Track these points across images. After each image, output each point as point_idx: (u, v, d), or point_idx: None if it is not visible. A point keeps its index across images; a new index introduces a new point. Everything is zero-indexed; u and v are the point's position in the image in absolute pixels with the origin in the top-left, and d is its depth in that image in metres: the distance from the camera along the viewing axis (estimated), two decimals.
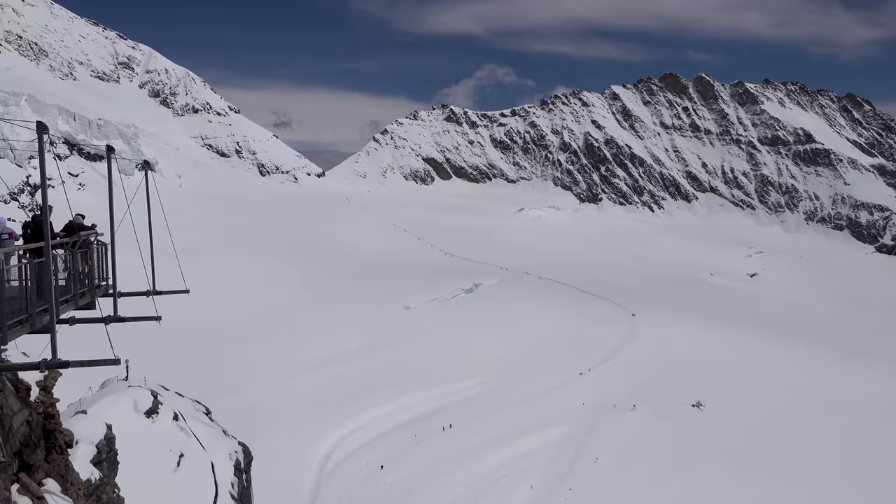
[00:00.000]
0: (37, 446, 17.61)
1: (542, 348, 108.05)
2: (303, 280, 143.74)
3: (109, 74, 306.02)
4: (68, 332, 14.50)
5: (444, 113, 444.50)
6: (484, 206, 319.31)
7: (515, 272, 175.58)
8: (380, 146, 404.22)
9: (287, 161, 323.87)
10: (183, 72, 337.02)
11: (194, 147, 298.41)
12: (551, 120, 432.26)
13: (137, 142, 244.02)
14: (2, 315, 12.02)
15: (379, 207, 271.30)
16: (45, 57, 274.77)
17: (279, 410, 74.93)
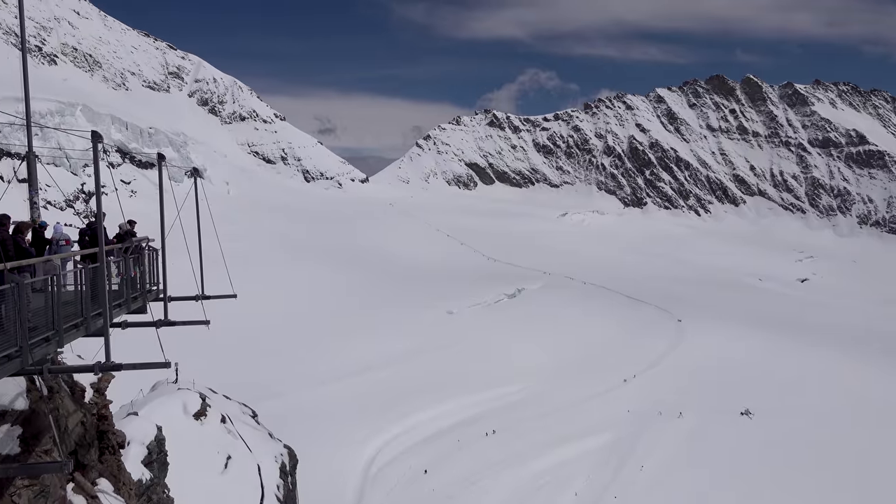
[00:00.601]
0: (91, 446, 18.09)
1: (585, 354, 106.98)
2: (347, 285, 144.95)
3: (160, 84, 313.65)
4: (120, 336, 14.85)
5: (487, 118, 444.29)
6: (527, 210, 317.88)
7: (559, 277, 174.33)
8: (423, 151, 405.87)
9: (331, 167, 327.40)
10: (230, 80, 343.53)
11: (241, 154, 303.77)
12: (595, 124, 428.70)
13: (187, 149, 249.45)
14: (58, 319, 12.37)
15: (422, 213, 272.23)
16: (98, 68, 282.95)
17: (324, 414, 75.58)
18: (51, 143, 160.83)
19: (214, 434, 35.97)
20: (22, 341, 10.98)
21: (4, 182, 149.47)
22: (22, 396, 13.74)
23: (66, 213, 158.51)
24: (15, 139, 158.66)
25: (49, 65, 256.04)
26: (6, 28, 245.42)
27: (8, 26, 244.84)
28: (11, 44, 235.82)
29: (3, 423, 13.07)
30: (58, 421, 14.95)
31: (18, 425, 13.31)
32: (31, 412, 13.84)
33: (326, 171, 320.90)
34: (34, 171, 19.10)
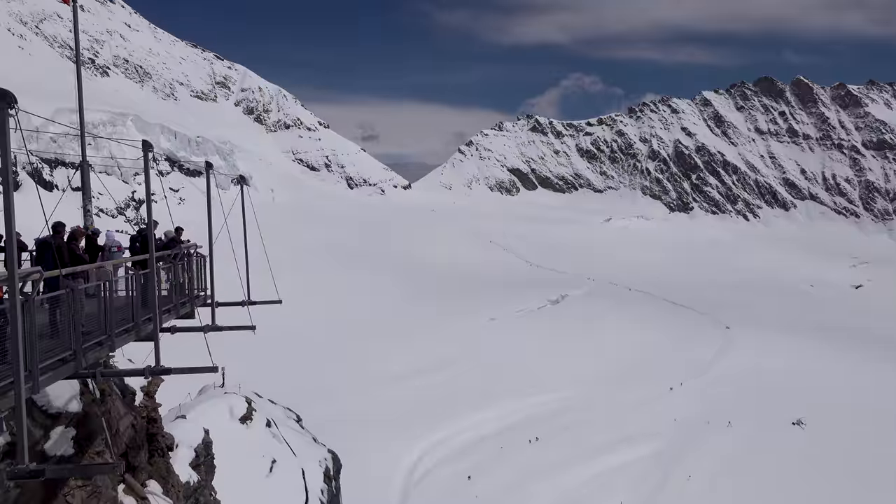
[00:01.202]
0: (141, 449, 18.48)
1: (630, 361, 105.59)
2: (389, 291, 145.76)
3: (207, 94, 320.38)
4: (169, 340, 15.14)
5: (529, 123, 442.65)
6: (570, 216, 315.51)
7: (603, 283, 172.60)
8: (465, 157, 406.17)
9: (374, 174, 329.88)
10: (275, 89, 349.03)
11: (286, 162, 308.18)
12: (639, 128, 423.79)
13: (233, 157, 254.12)
14: (110, 324, 12.68)
15: (464, 219, 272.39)
16: (148, 79, 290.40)
17: (367, 419, 76.02)
18: (103, 152, 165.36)
19: (260, 438, 36.42)
20: (76, 345, 11.27)
21: (59, 190, 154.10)
22: (76, 399, 14.11)
23: (117, 221, 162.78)
24: (69, 149, 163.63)
25: (101, 76, 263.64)
26: (61, 42, 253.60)
27: (63, 40, 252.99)
28: (66, 57, 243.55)
29: (58, 424, 13.43)
30: (110, 423, 15.30)
31: (72, 427, 13.66)
32: (84, 415, 14.20)
33: (369, 178, 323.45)
34: (87, 179, 19.65)
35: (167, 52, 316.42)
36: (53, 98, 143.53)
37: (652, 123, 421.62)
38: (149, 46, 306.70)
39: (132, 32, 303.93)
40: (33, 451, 11.78)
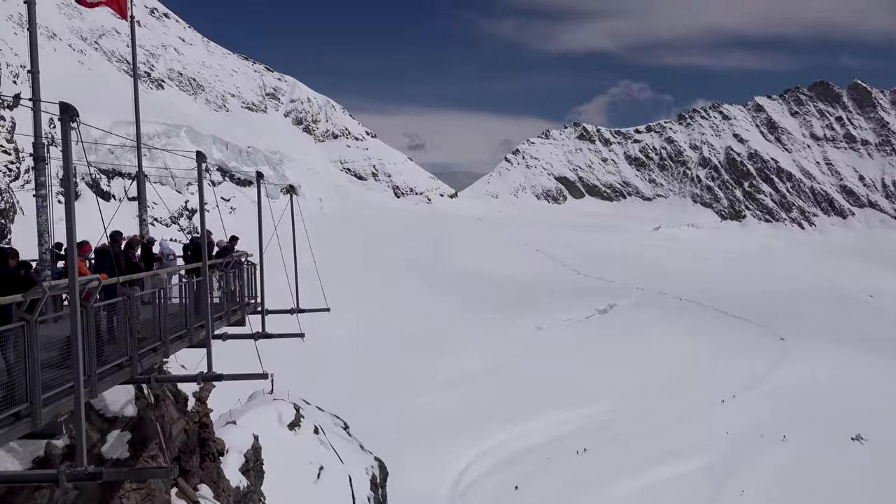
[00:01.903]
0: (193, 453, 18.85)
1: (680, 372, 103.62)
2: (436, 300, 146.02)
3: (258, 105, 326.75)
4: (219, 347, 15.43)
5: (577, 131, 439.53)
6: (618, 224, 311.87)
7: (652, 293, 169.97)
8: (511, 166, 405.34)
9: (420, 182, 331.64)
10: (324, 100, 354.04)
11: (334, 171, 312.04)
12: (689, 135, 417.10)
13: (282, 167, 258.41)
14: (165, 330, 12.98)
15: (510, 227, 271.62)
16: (201, 91, 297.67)
17: (414, 427, 76.15)
18: (158, 163, 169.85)
19: (308, 444, 36.80)
20: (132, 351, 11.58)
21: (116, 200, 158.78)
22: (131, 404, 14.48)
23: (171, 230, 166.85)
24: (126, 160, 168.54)
25: (157, 89, 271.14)
26: (119, 56, 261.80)
27: (121, 55, 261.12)
28: (123, 71, 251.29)
29: (114, 428, 13.79)
30: (163, 428, 15.65)
31: (128, 431, 14.02)
32: (139, 419, 14.56)
33: (416, 187, 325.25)
34: (143, 190, 20.22)
35: (219, 64, 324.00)
36: (111, 110, 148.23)
37: (702, 130, 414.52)
38: (202, 60, 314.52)
39: (186, 46, 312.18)
40: (91, 454, 12.11)
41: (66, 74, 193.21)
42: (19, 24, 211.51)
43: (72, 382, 9.16)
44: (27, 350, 8.53)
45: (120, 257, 13.56)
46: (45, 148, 14.84)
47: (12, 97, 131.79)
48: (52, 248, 15.19)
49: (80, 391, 8.77)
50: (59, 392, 9.37)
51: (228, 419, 33.42)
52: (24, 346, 8.49)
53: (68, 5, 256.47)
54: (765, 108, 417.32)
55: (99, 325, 10.51)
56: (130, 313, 11.45)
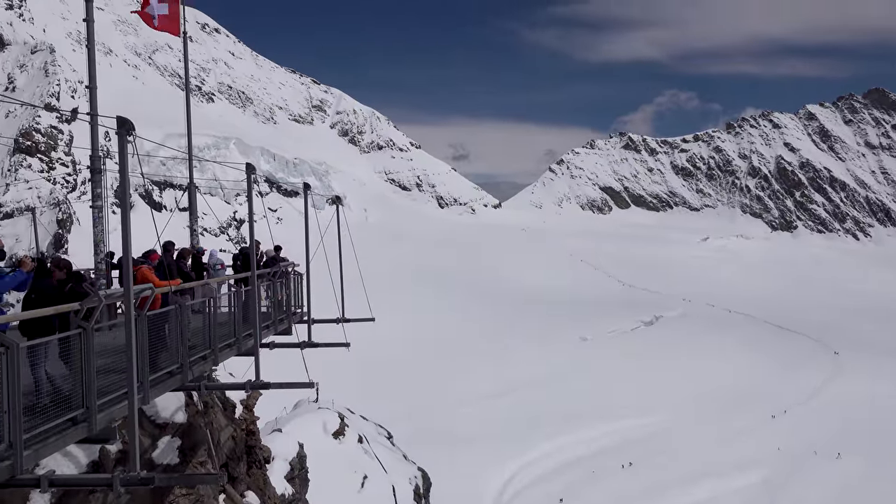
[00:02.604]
0: (240, 460, 19.12)
1: (729, 386, 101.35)
2: (481, 310, 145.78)
3: (304, 117, 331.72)
4: (264, 355, 15.65)
5: (622, 140, 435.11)
6: (665, 235, 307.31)
7: (699, 304, 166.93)
8: (556, 176, 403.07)
9: (464, 193, 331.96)
10: (369, 111, 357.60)
11: (378, 182, 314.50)
12: (738, 144, 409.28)
13: (328, 178, 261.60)
14: (214, 339, 13.23)
15: (555, 238, 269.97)
16: (250, 104, 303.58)
17: (458, 437, 76.02)
18: (207, 174, 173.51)
19: (352, 453, 37.02)
20: (183, 359, 11.83)
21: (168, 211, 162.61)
22: (181, 410, 14.77)
23: (219, 240, 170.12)
24: (177, 171, 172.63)
25: (207, 102, 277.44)
26: (171, 71, 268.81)
27: (173, 69, 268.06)
28: (175, 85, 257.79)
29: (165, 434, 14.08)
30: (212, 435, 15.92)
31: (178, 437, 14.30)
32: (188, 425, 14.85)
33: (460, 197, 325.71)
34: (194, 200, 20.68)
35: (267, 78, 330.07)
36: (163, 124, 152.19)
37: (752, 139, 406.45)
38: (251, 73, 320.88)
39: (236, 60, 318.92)
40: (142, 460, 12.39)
41: (120, 89, 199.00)
42: (77, 40, 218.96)
43: (125, 389, 9.39)
44: (84, 357, 8.78)
45: (172, 267, 13.88)
46: (101, 160, 15.30)
47: (71, 111, 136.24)
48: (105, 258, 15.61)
49: (134, 397, 8.99)
50: (114, 398, 9.62)
51: (274, 427, 33.84)
52: (81, 353, 8.74)
53: (124, 22, 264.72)
54: (817, 117, 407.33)
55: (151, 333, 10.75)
56: (182, 322, 11.71)
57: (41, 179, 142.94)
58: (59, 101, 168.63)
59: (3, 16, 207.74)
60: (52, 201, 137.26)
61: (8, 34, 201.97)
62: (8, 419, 7.43)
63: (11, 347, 7.46)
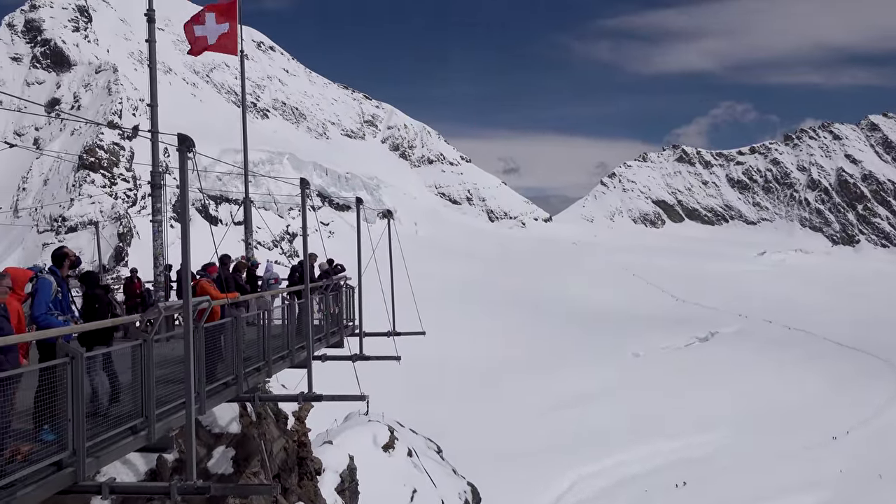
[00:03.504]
0: (292, 472, 19.31)
1: (787, 405, 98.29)
2: (530, 324, 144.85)
3: (356, 132, 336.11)
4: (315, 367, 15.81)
5: (676, 153, 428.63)
6: (720, 249, 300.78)
7: (756, 320, 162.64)
8: (607, 189, 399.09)
9: (515, 206, 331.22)
10: (420, 126, 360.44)
11: (429, 196, 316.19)
12: (797, 156, 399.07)
13: (379, 192, 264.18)
14: (268, 351, 13.43)
15: (606, 252, 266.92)
16: (303, 120, 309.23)
17: (508, 453, 75.42)
18: (262, 189, 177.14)
19: (401, 467, 37.07)
20: (238, 370, 12.04)
21: (224, 225, 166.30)
22: (235, 421, 15.01)
23: (272, 253, 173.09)
24: (232, 186, 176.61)
25: (262, 118, 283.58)
26: (228, 88, 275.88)
27: (229, 87, 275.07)
28: (231, 102, 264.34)
29: (220, 444, 14.32)
30: (265, 445, 16.13)
31: (232, 447, 14.53)
32: (242, 436, 15.08)
33: (510, 211, 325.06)
34: (249, 215, 21.11)
35: (320, 94, 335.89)
36: (220, 139, 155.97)
37: (811, 151, 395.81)
38: (304, 89, 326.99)
39: (290, 77, 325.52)
40: (198, 469, 12.60)
41: (179, 105, 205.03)
42: (139, 60, 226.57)
43: (182, 399, 9.59)
44: (143, 367, 9.00)
45: (229, 280, 14.17)
46: (161, 176, 15.76)
47: (132, 129, 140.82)
48: (163, 271, 16.03)
49: (192, 408, 9.17)
50: (171, 408, 9.83)
51: (325, 439, 34.14)
52: (141, 363, 8.97)
53: (183, 41, 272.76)
54: (880, 127, 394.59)
55: (208, 345, 10.97)
56: (237, 334, 11.92)
57: (103, 194, 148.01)
58: (122, 118, 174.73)
59: (70, 37, 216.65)
60: (113, 215, 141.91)
61: (74, 55, 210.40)
62: (71, 427, 7.66)
63: (76, 357, 7.70)
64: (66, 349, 7.78)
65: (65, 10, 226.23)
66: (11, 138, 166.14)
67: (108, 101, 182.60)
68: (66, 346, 7.86)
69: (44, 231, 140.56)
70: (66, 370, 7.66)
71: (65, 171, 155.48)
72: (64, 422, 7.65)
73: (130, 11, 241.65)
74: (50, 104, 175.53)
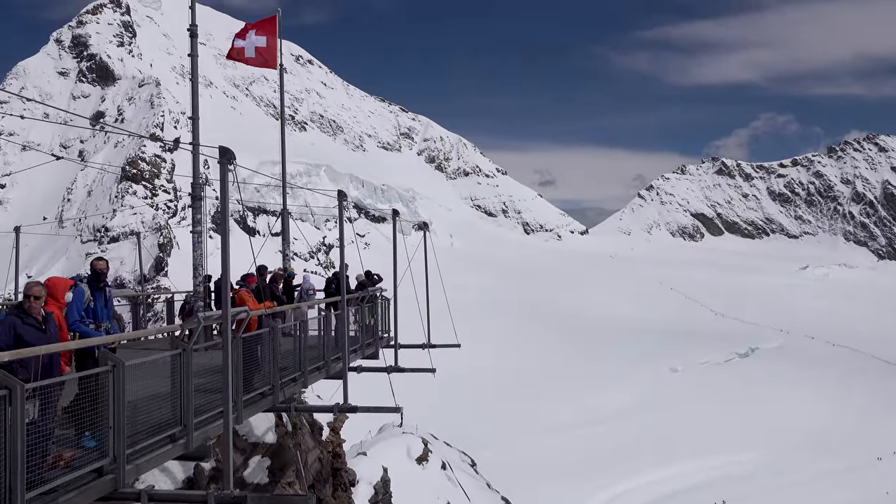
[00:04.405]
0: (326, 482, 19.36)
1: (830, 423, 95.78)
2: (566, 337, 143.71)
3: (392, 144, 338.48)
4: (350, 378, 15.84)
5: (715, 166, 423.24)
6: (760, 263, 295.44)
7: (798, 336, 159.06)
8: (645, 202, 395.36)
9: (550, 219, 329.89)
10: (456, 138, 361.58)
11: (464, 208, 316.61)
12: (840, 168, 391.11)
13: (414, 204, 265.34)
14: (304, 361, 13.51)
15: (643, 265, 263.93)
16: (340, 132, 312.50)
17: (542, 467, 74.74)
18: (299, 200, 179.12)
19: (435, 479, 36.92)
20: (274, 380, 12.12)
21: (261, 236, 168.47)
22: (271, 431, 15.11)
23: (308, 264, 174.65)
24: (270, 198, 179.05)
25: (300, 131, 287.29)
26: (267, 101, 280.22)
27: (268, 100, 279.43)
28: (270, 115, 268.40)
29: (256, 454, 14.43)
30: (300, 456, 16.20)
31: (268, 457, 14.62)
32: (278, 446, 15.16)
33: (546, 224, 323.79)
34: (287, 226, 21.32)
35: (357, 106, 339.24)
36: (258, 151, 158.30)
37: (855, 163, 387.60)
38: (341, 102, 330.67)
39: (327, 90, 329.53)
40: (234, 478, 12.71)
41: (219, 118, 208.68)
42: (181, 74, 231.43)
43: (220, 408, 9.67)
44: (183, 377, 9.12)
45: (265, 291, 14.31)
46: (201, 188, 16.01)
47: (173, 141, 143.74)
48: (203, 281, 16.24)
49: (229, 417, 9.25)
50: (209, 417, 9.92)
51: (359, 450, 34.19)
52: (181, 372, 9.08)
53: (224, 55, 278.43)
54: None
55: (246, 355, 11.07)
56: (275, 344, 12.01)
57: (145, 205, 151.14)
58: (163, 131, 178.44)
59: (115, 52, 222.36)
60: (154, 226, 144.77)
61: (119, 69, 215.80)
62: (112, 434, 7.78)
63: (118, 365, 7.83)
64: (109, 358, 7.92)
65: (110, 25, 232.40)
66: (58, 150, 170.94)
67: (150, 114, 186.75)
68: (110, 355, 8.00)
69: (87, 241, 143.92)
70: (108, 378, 7.80)
71: (108, 182, 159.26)
72: (105, 429, 7.77)
73: (173, 26, 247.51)
74: (95, 117, 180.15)
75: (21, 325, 7.59)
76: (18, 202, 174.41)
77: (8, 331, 7.54)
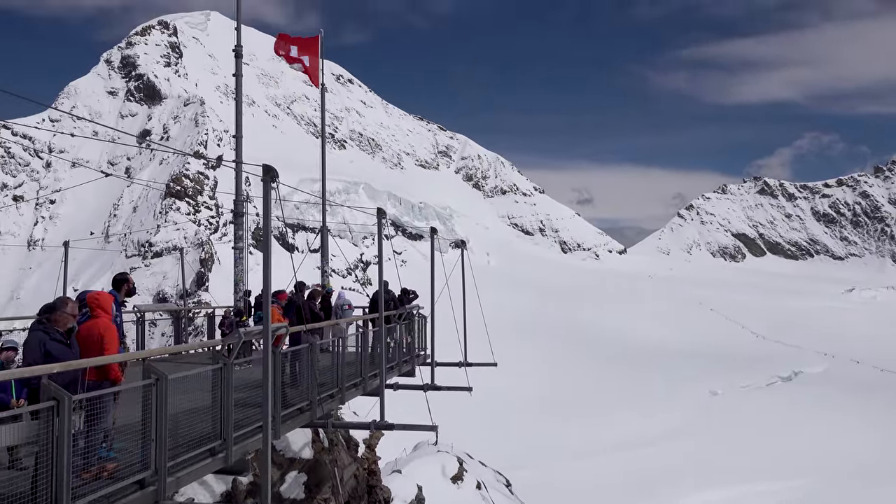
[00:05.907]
0: (361, 499, 19.37)
1: (879, 453, 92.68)
2: (604, 358, 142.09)
3: (430, 162, 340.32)
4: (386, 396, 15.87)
5: (757, 185, 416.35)
6: (804, 285, 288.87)
7: (844, 360, 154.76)
8: (685, 222, 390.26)
9: (588, 238, 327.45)
10: (493, 157, 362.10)
11: (501, 226, 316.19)
12: (888, 188, 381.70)
13: (452, 222, 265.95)
14: (342, 378, 13.59)
15: (683, 286, 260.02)
16: (379, 150, 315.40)
17: (577, 490, 73.64)
18: (337, 217, 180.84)
19: (470, 499, 36.66)
20: (312, 396, 12.21)
21: (300, 252, 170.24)
22: (308, 447, 15.19)
23: (346, 280, 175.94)
24: (309, 215, 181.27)
25: (339, 149, 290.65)
26: (307, 120, 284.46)
27: (309, 118, 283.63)
28: (310, 133, 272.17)
29: (292, 469, 14.51)
30: (336, 472, 16.25)
31: (304, 473, 14.70)
32: (314, 462, 15.24)
33: (583, 243, 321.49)
34: (326, 243, 21.56)
35: (396, 125, 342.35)
36: (298, 169, 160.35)
37: None
38: (380, 121, 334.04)
39: (367, 109, 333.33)
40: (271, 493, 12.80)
41: (261, 136, 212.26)
42: (224, 93, 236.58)
43: (258, 423, 9.77)
44: (223, 391, 9.24)
45: (304, 307, 14.46)
46: (243, 204, 16.30)
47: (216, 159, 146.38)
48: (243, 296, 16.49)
49: (268, 432, 9.33)
50: (248, 432, 10.02)
51: (394, 468, 34.14)
52: (221, 387, 9.21)
53: (266, 75, 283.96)
54: None
55: (284, 370, 11.18)
56: (313, 360, 12.11)
57: (188, 221, 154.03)
58: (207, 148, 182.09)
59: (162, 72, 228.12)
60: (196, 242, 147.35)
61: (165, 89, 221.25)
62: (155, 446, 7.91)
63: (161, 378, 7.98)
64: (153, 371, 8.08)
65: (158, 46, 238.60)
66: (105, 167, 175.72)
67: (194, 132, 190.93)
68: (154, 368, 8.15)
69: (131, 256, 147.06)
70: (151, 391, 7.94)
71: (153, 198, 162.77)
72: (147, 441, 7.91)
73: (217, 47, 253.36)
74: (141, 135, 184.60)
75: (49, 342, 7.89)
76: (67, 217, 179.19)
77: (37, 346, 7.85)
